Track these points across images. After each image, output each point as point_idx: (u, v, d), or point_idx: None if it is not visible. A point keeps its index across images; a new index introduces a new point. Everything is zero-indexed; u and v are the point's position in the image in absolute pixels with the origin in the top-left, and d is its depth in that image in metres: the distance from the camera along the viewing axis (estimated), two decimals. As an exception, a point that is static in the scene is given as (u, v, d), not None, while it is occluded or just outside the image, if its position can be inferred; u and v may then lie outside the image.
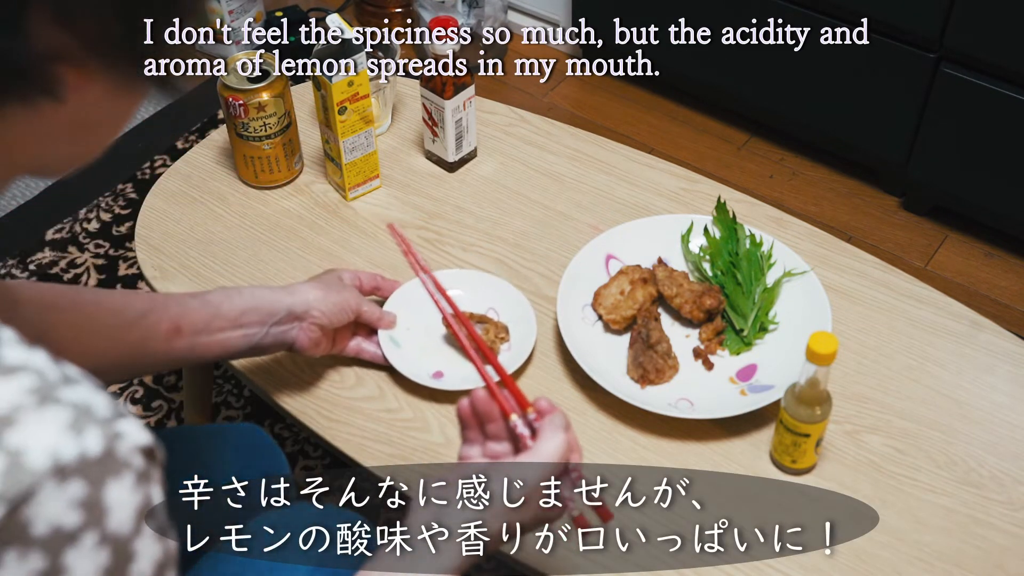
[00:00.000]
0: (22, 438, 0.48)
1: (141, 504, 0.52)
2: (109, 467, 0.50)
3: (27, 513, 0.47)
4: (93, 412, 0.50)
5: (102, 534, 0.49)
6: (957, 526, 1.02)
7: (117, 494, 0.50)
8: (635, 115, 2.38)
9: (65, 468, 0.48)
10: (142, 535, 0.52)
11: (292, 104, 1.34)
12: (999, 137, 1.89)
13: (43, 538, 0.48)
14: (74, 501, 0.48)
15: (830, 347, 0.95)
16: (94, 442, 0.49)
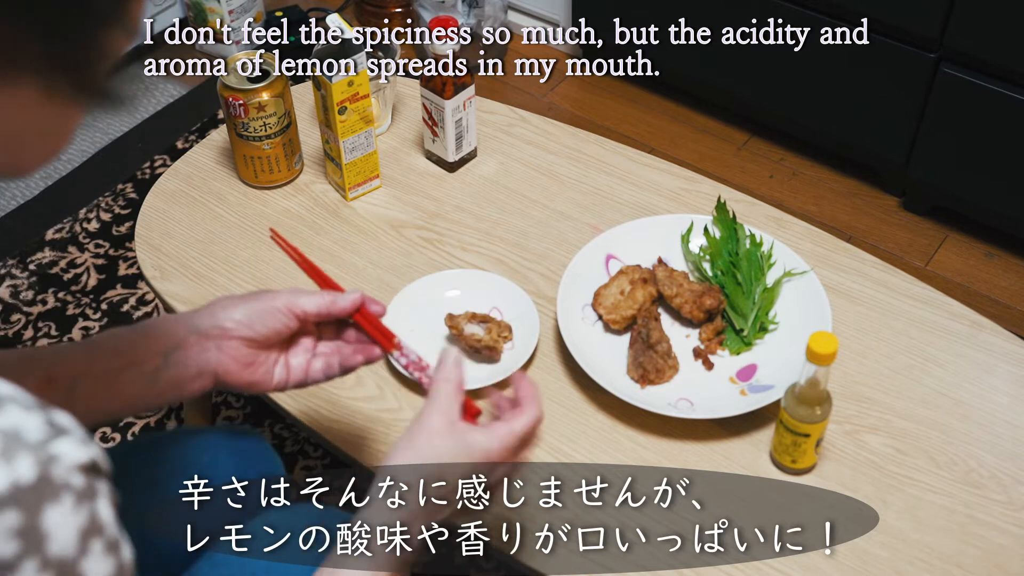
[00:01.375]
0: None
1: (84, 524, 0.50)
2: (44, 492, 0.48)
3: None
4: (23, 437, 0.48)
5: (43, 560, 0.48)
6: (957, 526, 1.02)
7: (56, 518, 0.48)
8: (635, 115, 2.38)
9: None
10: (88, 554, 0.50)
11: (292, 104, 1.34)
12: (999, 137, 1.89)
13: None
14: (9, 531, 0.46)
15: (830, 347, 0.95)
16: (26, 469, 0.47)
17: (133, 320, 1.86)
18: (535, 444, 0.86)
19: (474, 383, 1.13)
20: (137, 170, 2.18)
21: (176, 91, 2.42)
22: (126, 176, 2.17)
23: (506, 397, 0.87)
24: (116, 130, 2.38)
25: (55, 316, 1.88)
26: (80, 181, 2.15)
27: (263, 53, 1.33)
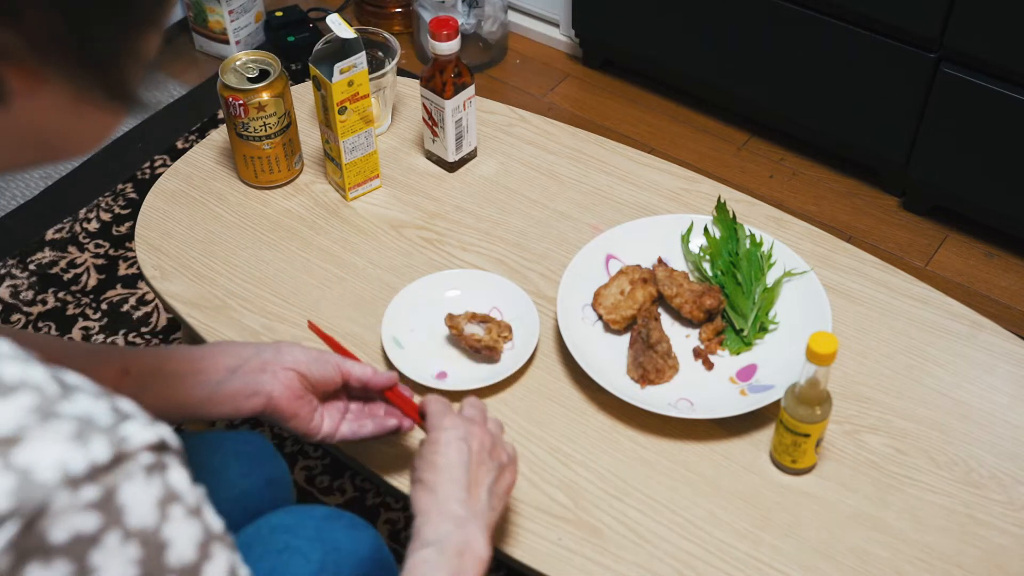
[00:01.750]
0: (29, 456, 0.49)
1: (159, 495, 0.53)
2: (119, 469, 0.51)
3: (43, 525, 0.48)
4: (95, 422, 0.51)
5: (124, 531, 0.51)
6: (957, 526, 1.02)
7: (131, 491, 0.51)
8: (635, 115, 2.39)
9: (76, 479, 0.49)
10: (169, 521, 0.53)
11: (292, 104, 1.34)
12: (999, 137, 1.89)
13: (64, 545, 0.49)
14: (90, 506, 0.50)
15: (830, 347, 0.95)
16: (100, 450, 0.50)
17: (133, 320, 1.86)
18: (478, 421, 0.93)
19: (474, 383, 1.13)
20: (137, 170, 2.18)
21: (176, 91, 2.42)
22: (126, 176, 2.17)
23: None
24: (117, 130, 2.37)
25: (55, 316, 1.88)
26: (80, 181, 2.15)
27: (263, 53, 1.33)
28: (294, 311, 1.23)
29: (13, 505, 0.48)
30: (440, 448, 0.88)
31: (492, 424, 0.94)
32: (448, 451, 0.88)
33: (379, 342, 1.19)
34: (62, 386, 0.52)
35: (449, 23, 1.29)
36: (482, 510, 0.87)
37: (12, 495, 0.48)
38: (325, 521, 1.00)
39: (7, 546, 0.48)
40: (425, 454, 0.89)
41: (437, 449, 0.88)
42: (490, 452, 0.90)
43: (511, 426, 1.11)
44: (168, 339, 1.85)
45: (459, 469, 0.87)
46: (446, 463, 0.87)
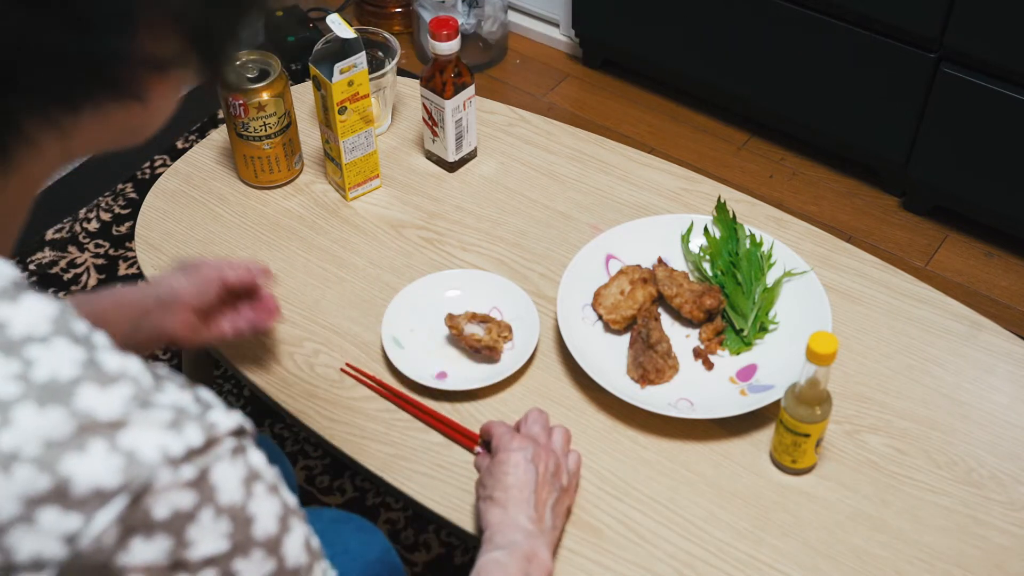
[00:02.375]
0: (133, 439, 0.53)
1: (244, 474, 0.57)
2: (210, 453, 0.55)
3: (148, 502, 0.53)
4: (187, 410, 0.56)
5: (216, 508, 0.55)
6: (957, 526, 1.02)
7: (221, 472, 0.56)
8: (635, 115, 2.39)
9: (175, 459, 0.53)
10: (253, 498, 0.58)
11: (292, 104, 1.34)
12: (999, 137, 1.89)
13: (165, 521, 0.53)
14: (187, 485, 0.54)
15: (830, 347, 0.95)
16: (194, 435, 0.55)
17: (133, 320, 1.86)
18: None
19: (474, 383, 1.13)
20: (137, 170, 2.18)
21: (176, 91, 2.41)
22: (126, 176, 2.17)
23: None
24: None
25: (55, 316, 1.88)
26: (80, 181, 2.15)
27: (263, 53, 1.33)
28: (294, 311, 1.23)
29: (122, 481, 0.52)
30: (509, 469, 0.94)
31: (557, 436, 1.00)
32: (517, 472, 0.94)
33: (379, 342, 1.19)
34: (155, 376, 0.57)
35: (449, 23, 1.29)
36: (547, 528, 0.93)
37: (121, 472, 0.52)
38: (333, 524, 1.00)
39: (116, 520, 0.52)
40: (495, 473, 0.95)
41: (507, 470, 0.94)
42: (554, 474, 0.96)
43: (511, 426, 1.11)
44: (168, 339, 1.85)
45: (527, 489, 0.93)
46: (516, 483, 0.93)
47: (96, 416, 0.53)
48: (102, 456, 0.52)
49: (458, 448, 1.09)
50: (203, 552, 0.55)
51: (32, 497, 0.51)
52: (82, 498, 0.51)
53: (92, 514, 0.51)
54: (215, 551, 0.56)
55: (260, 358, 1.18)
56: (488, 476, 0.96)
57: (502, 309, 1.21)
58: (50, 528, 0.51)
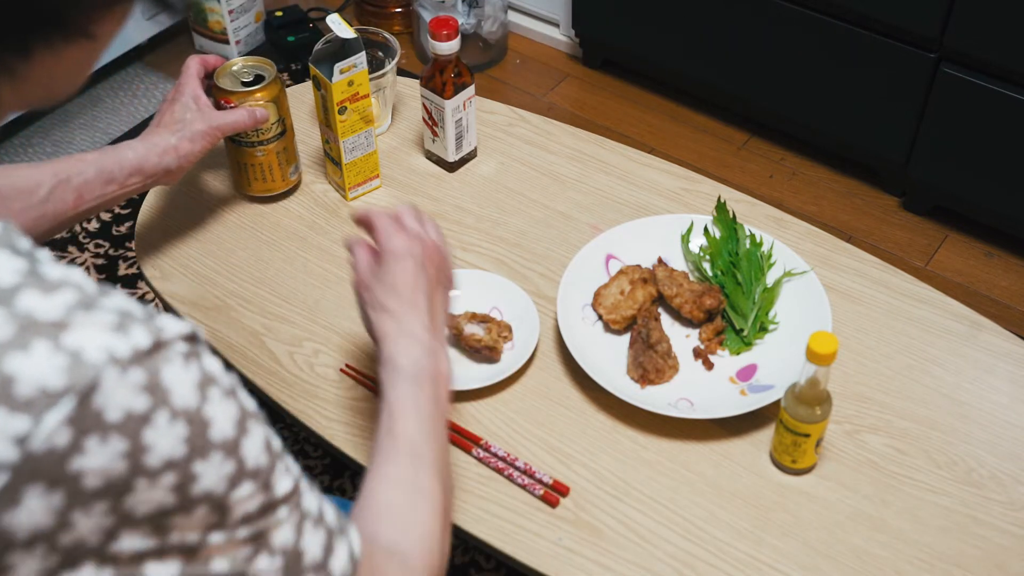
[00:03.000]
0: (77, 339, 0.53)
1: (198, 378, 0.57)
2: (159, 355, 0.55)
3: (97, 402, 0.52)
4: (132, 314, 0.56)
5: (171, 411, 0.55)
6: (957, 526, 1.02)
7: (172, 374, 0.56)
8: (635, 115, 2.39)
9: (121, 361, 0.54)
10: (209, 401, 0.58)
11: (288, 112, 1.32)
12: (999, 137, 1.89)
13: (119, 423, 0.53)
14: (138, 387, 0.54)
15: (830, 347, 0.95)
16: (141, 337, 0.55)
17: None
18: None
19: (474, 383, 1.13)
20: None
21: (176, 91, 2.41)
22: (126, 176, 2.17)
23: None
24: (116, 130, 2.38)
25: (55, 316, 1.88)
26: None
27: (261, 59, 1.32)
28: (294, 311, 1.24)
29: (67, 382, 0.52)
30: (400, 275, 0.91)
31: (433, 232, 0.97)
32: (407, 277, 0.91)
33: (379, 342, 1.19)
34: (99, 285, 0.57)
35: (449, 23, 1.29)
36: (442, 334, 0.92)
37: (65, 372, 0.52)
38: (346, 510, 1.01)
39: (65, 421, 0.52)
40: (386, 280, 0.91)
41: (399, 277, 0.91)
42: (440, 269, 0.95)
43: (511, 426, 1.11)
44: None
45: (421, 296, 0.91)
46: (408, 291, 0.91)
47: (37, 317, 0.53)
48: (45, 356, 0.52)
49: (458, 448, 1.09)
50: (161, 456, 0.55)
51: None
52: (28, 399, 0.51)
53: (40, 415, 0.51)
54: (173, 454, 0.55)
55: (260, 358, 1.18)
56: (377, 283, 0.92)
57: (502, 309, 1.21)
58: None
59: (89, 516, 0.54)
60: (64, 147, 2.32)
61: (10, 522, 0.52)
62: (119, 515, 0.55)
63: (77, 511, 0.53)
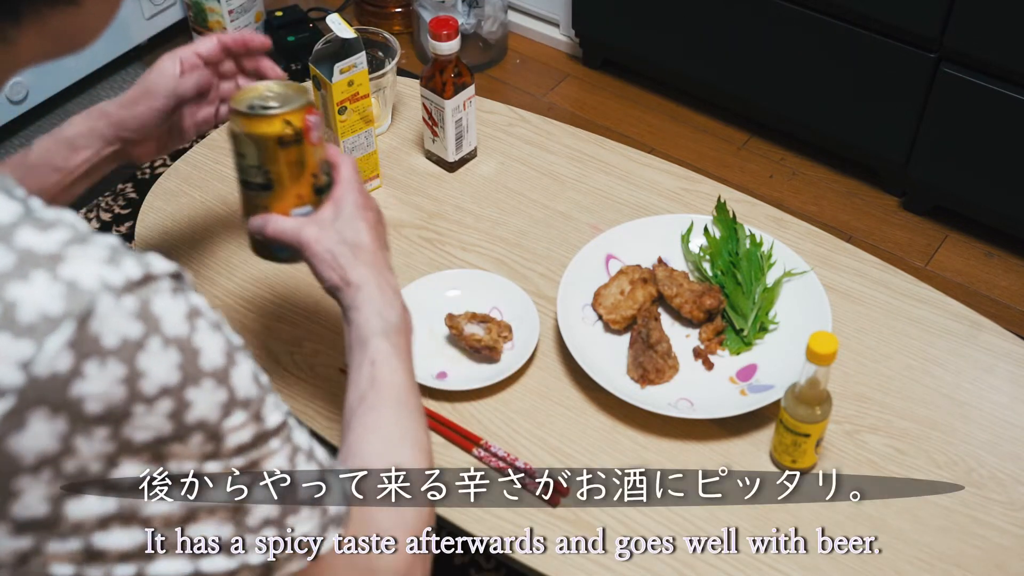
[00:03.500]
0: (72, 270, 0.56)
1: (186, 310, 0.60)
2: (149, 286, 0.58)
3: (94, 327, 0.55)
4: (123, 250, 0.59)
5: (163, 338, 0.58)
6: (957, 526, 1.02)
7: (162, 304, 0.59)
8: (635, 115, 2.39)
9: (115, 288, 0.57)
10: (197, 331, 0.61)
11: None
12: (999, 137, 1.89)
13: (115, 348, 0.56)
14: (131, 314, 0.57)
15: (830, 347, 0.95)
16: (132, 268, 0.58)
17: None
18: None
19: (474, 383, 1.13)
20: (137, 170, 2.18)
21: (176, 91, 2.41)
22: (126, 176, 2.17)
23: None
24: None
25: (55, 316, 1.88)
26: (80, 181, 2.15)
27: (291, 84, 0.97)
28: (294, 311, 1.23)
29: (65, 308, 0.55)
30: (368, 226, 0.92)
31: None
32: (377, 228, 0.93)
33: (379, 342, 1.19)
34: (89, 227, 0.60)
35: (449, 23, 1.29)
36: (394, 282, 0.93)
37: (64, 299, 0.55)
38: None
39: (67, 344, 0.54)
40: (353, 226, 0.91)
41: (365, 222, 0.92)
42: (379, 222, 0.95)
43: (511, 426, 1.11)
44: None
45: (384, 251, 0.94)
46: (377, 240, 0.93)
47: (35, 251, 0.56)
48: (44, 285, 0.55)
49: (458, 448, 1.09)
50: (156, 382, 0.58)
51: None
52: (30, 324, 0.54)
53: (42, 340, 0.54)
54: (167, 381, 0.58)
55: (260, 358, 1.18)
56: (345, 225, 0.91)
57: (502, 309, 1.21)
58: (3, 354, 0.53)
59: (91, 442, 0.56)
60: (64, 147, 2.32)
61: (17, 446, 0.54)
62: (119, 442, 0.57)
63: (79, 436, 0.56)
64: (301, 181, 0.92)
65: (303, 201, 0.93)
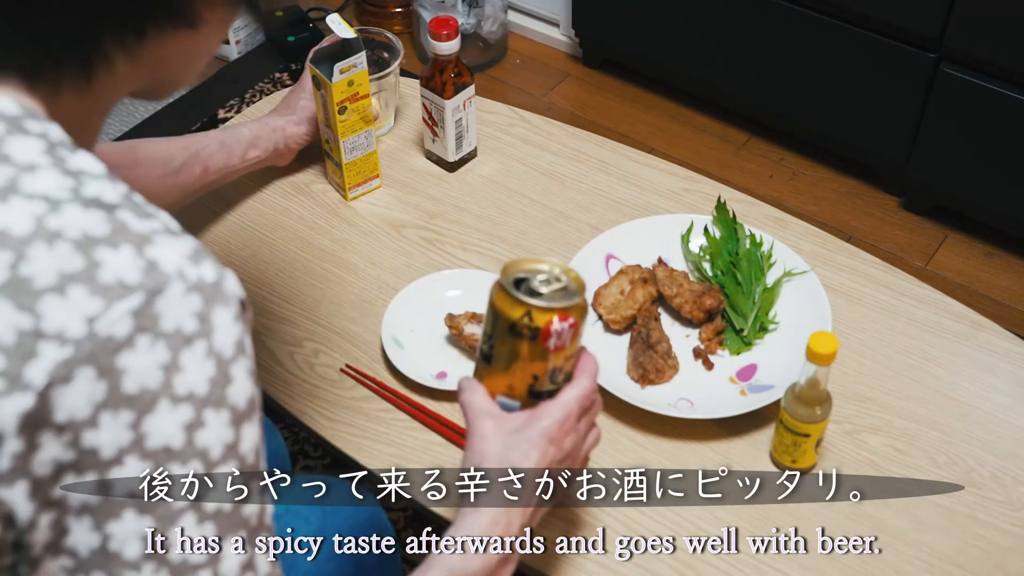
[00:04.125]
0: (158, 252, 0.59)
1: (238, 338, 0.62)
2: (218, 294, 0.61)
3: (159, 306, 0.58)
4: (206, 253, 0.62)
5: (209, 346, 0.60)
6: (957, 526, 1.02)
7: (222, 317, 0.61)
8: (635, 115, 2.39)
9: (188, 280, 0.59)
10: (238, 364, 0.62)
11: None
12: (999, 137, 1.89)
13: (168, 333, 0.58)
14: (192, 310, 0.59)
15: (830, 347, 0.95)
16: (209, 272, 0.61)
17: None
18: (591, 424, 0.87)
19: (474, 383, 1.13)
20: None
21: (176, 91, 2.42)
22: (126, 176, 2.17)
23: None
24: (115, 130, 2.38)
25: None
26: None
27: (570, 273, 0.84)
28: (294, 311, 1.24)
29: (140, 280, 0.58)
30: (531, 463, 0.80)
31: (588, 444, 0.86)
32: (534, 471, 0.80)
33: (379, 342, 1.19)
34: (181, 228, 0.63)
35: (449, 23, 1.29)
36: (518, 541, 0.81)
37: (142, 272, 0.58)
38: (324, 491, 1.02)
39: (130, 312, 0.57)
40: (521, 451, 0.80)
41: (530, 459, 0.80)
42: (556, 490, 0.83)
43: (511, 426, 1.11)
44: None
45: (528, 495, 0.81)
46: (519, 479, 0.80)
47: (130, 228, 0.59)
48: (130, 257, 0.58)
49: (458, 448, 1.09)
50: (188, 384, 0.59)
51: (67, 272, 0.57)
52: (107, 285, 0.57)
53: (112, 302, 0.57)
54: (196, 388, 0.60)
55: (260, 358, 1.18)
56: (505, 446, 0.81)
57: (502, 309, 1.21)
58: (76, 305, 0.56)
59: (115, 423, 0.57)
60: (64, 147, 2.32)
61: (59, 399, 0.56)
62: (135, 435, 0.58)
63: (108, 412, 0.57)
64: (518, 375, 0.83)
65: (512, 394, 0.84)
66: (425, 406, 1.12)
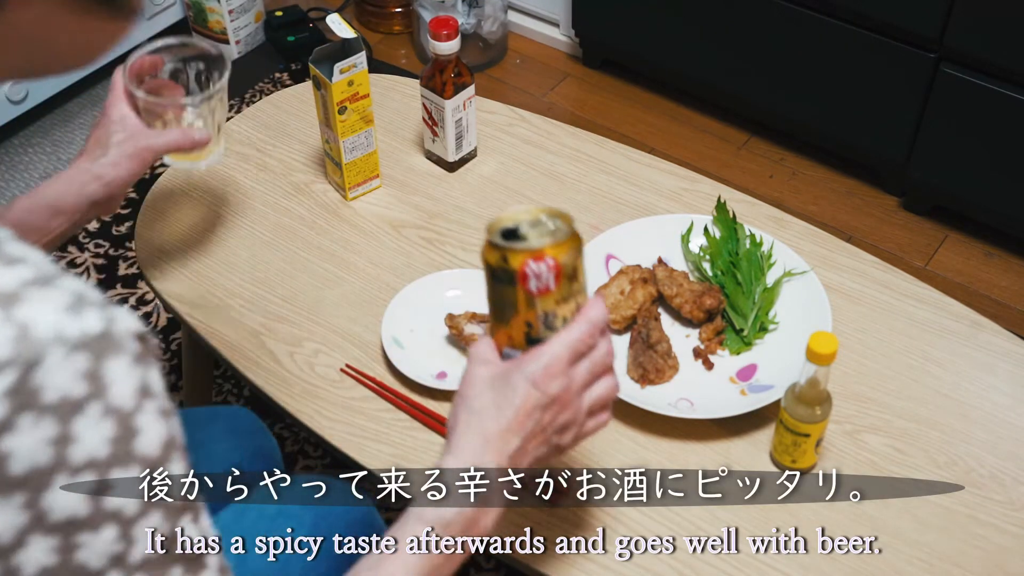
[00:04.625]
0: (28, 313, 0.52)
1: (139, 383, 0.55)
2: (107, 345, 0.54)
3: (38, 379, 0.52)
4: (89, 298, 0.55)
5: (105, 406, 0.54)
6: (957, 526, 1.02)
7: (116, 369, 0.54)
8: (635, 115, 2.39)
9: (68, 341, 0.53)
10: (143, 411, 0.55)
11: None
12: (999, 137, 1.89)
13: (53, 405, 0.52)
14: (79, 372, 0.53)
15: (830, 347, 0.95)
16: (93, 322, 0.54)
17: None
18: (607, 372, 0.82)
19: (474, 383, 1.13)
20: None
21: (176, 91, 2.41)
22: (126, 176, 2.17)
23: None
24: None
25: (55, 316, 1.88)
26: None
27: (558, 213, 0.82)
28: (294, 311, 1.24)
29: (12, 353, 0.51)
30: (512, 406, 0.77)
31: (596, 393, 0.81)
32: (518, 413, 0.77)
33: (379, 342, 1.19)
34: (59, 267, 0.56)
35: (449, 23, 1.29)
36: (507, 481, 0.79)
37: (11, 343, 0.51)
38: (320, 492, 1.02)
39: (6, 392, 0.51)
40: (497, 398, 0.78)
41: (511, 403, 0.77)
42: (557, 431, 0.80)
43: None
44: (168, 339, 1.85)
45: (517, 436, 0.78)
46: (508, 423, 0.77)
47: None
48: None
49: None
50: (84, 452, 0.53)
51: None
52: None
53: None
54: (96, 455, 0.54)
55: (260, 358, 1.18)
56: (490, 389, 0.78)
57: (502, 309, 1.21)
58: None
59: (6, 508, 0.52)
60: (64, 147, 2.32)
61: None
62: (34, 513, 0.53)
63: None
64: (515, 325, 0.81)
65: (513, 344, 0.82)
66: (425, 406, 1.12)
